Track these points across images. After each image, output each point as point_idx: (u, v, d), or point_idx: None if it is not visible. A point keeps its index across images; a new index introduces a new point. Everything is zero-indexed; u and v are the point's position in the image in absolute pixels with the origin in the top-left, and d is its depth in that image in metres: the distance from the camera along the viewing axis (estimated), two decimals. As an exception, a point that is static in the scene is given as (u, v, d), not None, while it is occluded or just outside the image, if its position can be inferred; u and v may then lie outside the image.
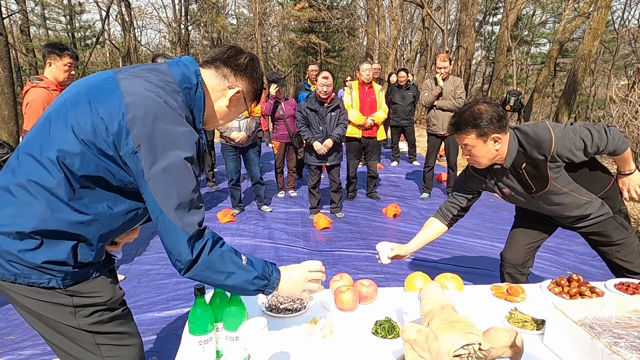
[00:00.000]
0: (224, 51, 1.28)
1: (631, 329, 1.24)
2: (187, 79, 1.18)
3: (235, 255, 1.16)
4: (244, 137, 4.39)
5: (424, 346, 1.04)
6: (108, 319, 1.22)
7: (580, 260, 3.74)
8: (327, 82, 4.27)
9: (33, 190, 1.06)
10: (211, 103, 1.26)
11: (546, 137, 1.74)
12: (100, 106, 1.05)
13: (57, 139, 1.06)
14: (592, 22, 8.80)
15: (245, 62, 1.26)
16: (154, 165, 1.04)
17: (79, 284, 1.16)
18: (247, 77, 1.27)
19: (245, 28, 24.57)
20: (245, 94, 1.28)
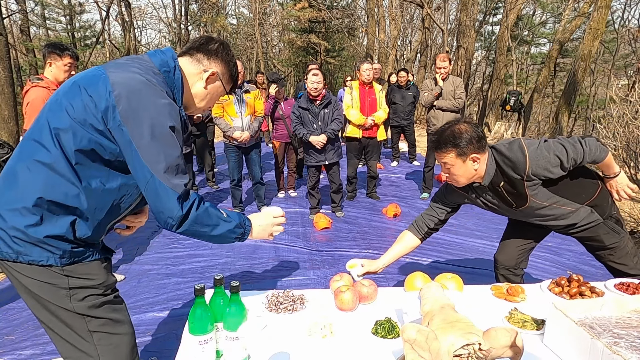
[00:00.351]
0: (196, 40, 1.41)
1: (631, 329, 1.24)
2: (165, 63, 1.31)
3: (217, 210, 1.32)
4: (247, 136, 4.39)
5: (424, 346, 1.04)
6: (100, 303, 1.28)
7: (580, 260, 3.74)
8: (316, 80, 4.27)
9: (34, 168, 1.17)
10: (189, 88, 1.38)
11: (520, 158, 1.76)
12: (89, 87, 1.17)
13: (53, 121, 1.18)
14: (592, 22, 8.80)
15: (216, 47, 1.39)
16: (142, 135, 1.16)
17: (75, 265, 1.23)
18: (219, 59, 1.39)
19: (245, 28, 24.57)
20: (220, 76, 1.40)
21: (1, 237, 1.18)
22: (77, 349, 1.27)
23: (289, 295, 1.63)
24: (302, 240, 4.04)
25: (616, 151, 4.66)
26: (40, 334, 2.50)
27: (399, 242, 2.14)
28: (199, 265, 3.49)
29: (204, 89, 1.39)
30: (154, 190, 1.18)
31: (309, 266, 3.48)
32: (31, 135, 1.21)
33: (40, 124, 1.21)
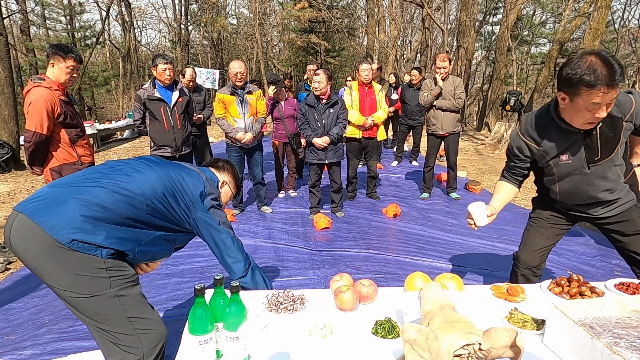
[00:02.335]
0: (211, 161, 2.08)
1: (631, 329, 1.24)
2: (214, 179, 1.90)
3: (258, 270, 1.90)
4: (250, 138, 4.39)
5: (424, 346, 1.04)
6: (135, 290, 1.54)
7: (580, 260, 3.74)
8: (317, 79, 4.29)
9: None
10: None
11: (626, 98, 1.78)
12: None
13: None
14: (592, 22, 8.80)
15: (224, 163, 2.05)
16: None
17: (114, 260, 1.48)
18: (227, 172, 2.02)
19: (245, 28, 24.57)
20: (229, 184, 2.01)
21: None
22: (118, 334, 1.47)
23: (289, 295, 1.63)
24: (302, 240, 4.04)
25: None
26: (40, 334, 2.50)
27: (499, 190, 2.16)
28: (199, 265, 3.49)
29: (224, 195, 2.00)
30: (230, 260, 1.80)
31: (309, 266, 3.48)
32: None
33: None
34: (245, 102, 4.39)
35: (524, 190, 6.46)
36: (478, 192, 5.92)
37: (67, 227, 1.39)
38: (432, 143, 5.26)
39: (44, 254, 1.39)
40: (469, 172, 7.42)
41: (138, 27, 23.92)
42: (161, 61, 4.03)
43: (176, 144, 4.23)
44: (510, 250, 3.89)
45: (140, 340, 1.50)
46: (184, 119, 4.28)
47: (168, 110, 4.14)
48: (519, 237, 4.23)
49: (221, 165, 1.99)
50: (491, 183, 6.82)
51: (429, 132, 5.26)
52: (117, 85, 20.01)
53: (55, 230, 1.38)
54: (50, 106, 2.84)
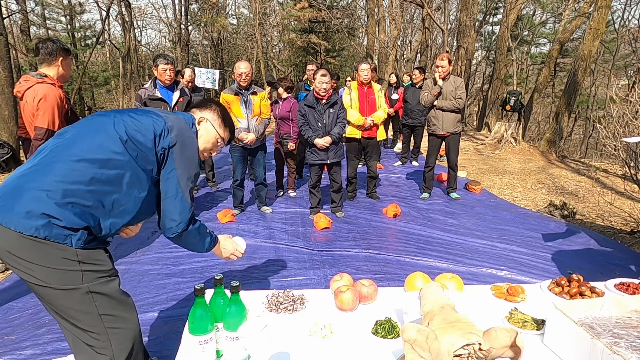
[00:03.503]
0: (196, 102, 1.98)
1: (631, 329, 1.24)
2: (190, 120, 1.72)
3: (205, 228, 1.72)
4: (253, 139, 4.39)
5: (424, 346, 1.04)
6: (110, 285, 1.46)
7: (580, 260, 3.74)
8: (325, 80, 4.29)
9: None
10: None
11: None
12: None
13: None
14: (592, 22, 8.80)
15: (205, 101, 1.85)
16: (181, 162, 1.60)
17: (86, 250, 1.41)
18: (208, 109, 1.80)
19: (245, 28, 24.57)
20: (212, 122, 1.78)
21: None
22: (87, 332, 1.41)
23: (289, 295, 1.63)
24: (302, 240, 4.04)
25: (616, 151, 4.66)
26: (40, 334, 2.50)
27: None
28: (199, 265, 3.49)
29: (197, 132, 1.72)
30: (179, 203, 1.55)
31: (309, 266, 3.48)
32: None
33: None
34: (249, 102, 4.39)
35: (524, 190, 6.46)
36: (478, 192, 5.92)
37: (29, 216, 1.31)
38: (432, 143, 5.26)
39: (14, 249, 1.33)
40: (469, 172, 7.42)
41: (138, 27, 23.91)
42: (162, 61, 4.03)
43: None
44: (510, 250, 3.89)
45: (110, 340, 1.44)
46: None
47: (169, 110, 4.14)
48: (519, 237, 4.27)
49: (205, 104, 1.80)
50: (491, 183, 6.82)
51: (429, 132, 5.26)
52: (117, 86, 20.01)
53: (17, 223, 1.31)
54: (59, 102, 2.83)
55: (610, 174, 7.40)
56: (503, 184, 6.81)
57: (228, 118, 1.83)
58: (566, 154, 10.43)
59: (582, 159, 10.10)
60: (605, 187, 6.51)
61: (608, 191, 6.14)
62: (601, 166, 7.90)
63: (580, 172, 7.71)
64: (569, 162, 8.81)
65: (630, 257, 3.81)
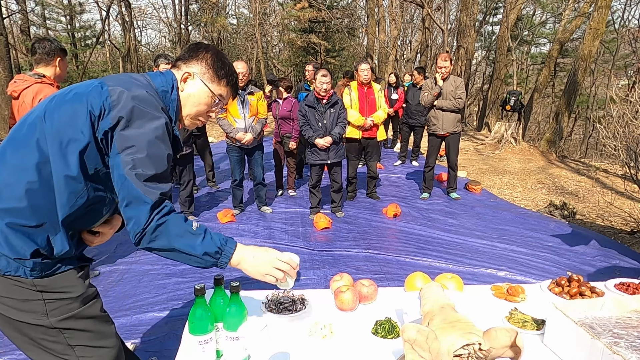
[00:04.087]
0: (183, 50, 1.40)
1: (631, 329, 1.24)
2: (164, 83, 1.30)
3: (188, 223, 1.19)
4: (250, 139, 4.39)
5: (424, 346, 1.04)
6: (81, 316, 1.22)
7: (580, 260, 3.74)
8: (326, 80, 4.30)
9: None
10: (181, 103, 1.35)
11: None
12: (86, 96, 1.18)
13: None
14: (592, 22, 8.80)
15: (193, 47, 1.37)
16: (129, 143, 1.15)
17: (47, 278, 1.17)
18: (196, 59, 1.34)
19: (245, 28, 24.56)
20: (201, 76, 1.33)
21: None
22: (58, 357, 1.19)
23: (289, 295, 1.63)
24: (302, 240, 4.04)
25: (616, 151, 4.66)
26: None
27: None
28: (199, 265, 3.49)
29: (181, 92, 1.33)
30: (127, 194, 1.12)
31: (309, 266, 3.48)
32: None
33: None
34: (246, 102, 4.39)
35: (524, 190, 6.46)
36: (478, 192, 5.92)
37: None
38: (432, 143, 5.26)
39: None
40: (469, 172, 7.42)
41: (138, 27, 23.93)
42: (163, 61, 4.03)
43: (177, 144, 4.23)
44: (510, 250, 3.89)
45: None
46: None
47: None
48: (519, 237, 4.26)
49: (192, 52, 1.35)
50: (491, 183, 6.82)
51: (429, 132, 5.26)
52: (117, 85, 19.95)
53: None
54: None
55: (610, 174, 7.40)
56: (503, 184, 6.81)
57: (224, 65, 1.36)
58: (566, 154, 10.43)
59: (582, 159, 10.10)
60: (605, 187, 6.50)
61: (608, 191, 6.14)
62: (601, 166, 7.90)
63: (580, 172, 7.71)
64: (569, 162, 8.81)
65: (630, 257, 3.81)
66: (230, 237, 1.29)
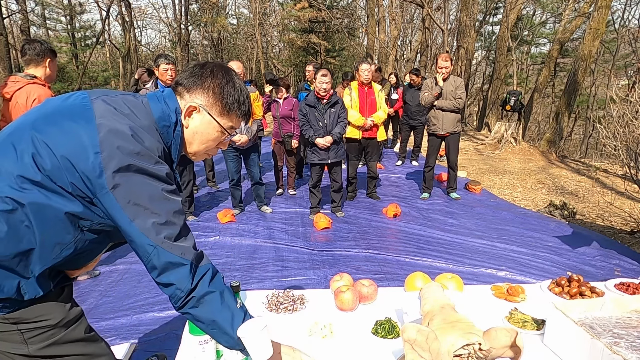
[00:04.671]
0: (184, 70, 1.17)
1: (631, 329, 1.24)
2: (166, 117, 1.11)
3: (232, 297, 1.11)
4: (245, 140, 4.39)
5: (424, 346, 1.04)
6: (64, 340, 1.12)
7: (580, 260, 3.74)
8: (325, 80, 4.30)
9: None
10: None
11: None
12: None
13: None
14: (592, 22, 8.80)
15: (197, 71, 1.14)
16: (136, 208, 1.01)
17: (20, 311, 1.05)
18: (202, 89, 1.13)
19: (245, 28, 24.55)
20: (209, 109, 1.14)
21: None
22: None
23: (289, 295, 1.63)
24: (302, 240, 4.04)
25: (616, 151, 4.66)
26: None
27: None
28: (199, 265, 3.49)
29: (186, 128, 1.15)
30: (160, 262, 1.01)
31: (309, 266, 3.48)
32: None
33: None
34: None
35: (524, 190, 6.46)
36: (478, 192, 5.92)
37: None
38: (432, 143, 5.26)
39: None
40: (469, 172, 7.42)
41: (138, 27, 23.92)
42: (163, 61, 4.03)
43: (177, 144, 4.23)
44: (510, 250, 3.89)
45: None
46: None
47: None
48: (519, 237, 4.26)
49: (195, 79, 1.14)
50: (491, 183, 6.82)
51: (429, 132, 5.26)
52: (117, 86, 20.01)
53: None
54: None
55: (610, 174, 7.39)
56: (503, 184, 6.81)
57: (234, 92, 1.16)
58: (566, 154, 10.43)
59: (582, 159, 10.10)
60: (605, 187, 6.50)
61: (608, 191, 6.13)
62: (601, 166, 7.90)
63: (580, 172, 7.71)
64: (569, 162, 8.81)
65: (630, 257, 3.81)
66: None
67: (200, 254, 1.08)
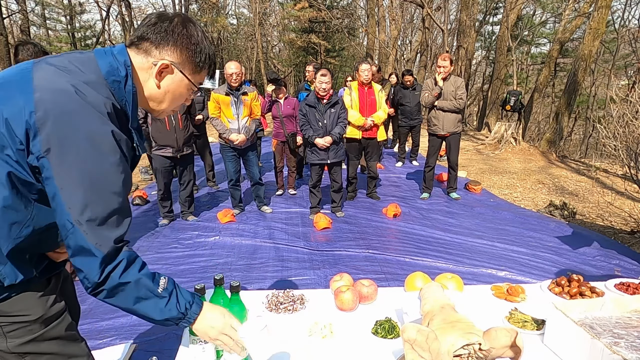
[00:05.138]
0: (143, 23, 1.08)
1: (631, 329, 1.24)
2: (115, 71, 1.02)
3: (151, 279, 1.02)
4: (243, 139, 4.39)
5: (424, 346, 1.04)
6: (43, 338, 1.09)
7: (580, 260, 3.74)
8: (325, 80, 4.30)
9: None
10: (142, 91, 1.09)
11: None
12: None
13: None
14: (592, 22, 8.80)
15: (166, 28, 1.05)
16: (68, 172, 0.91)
17: (1, 303, 1.03)
18: (172, 45, 1.05)
19: (245, 28, 24.55)
20: (179, 66, 1.07)
21: None
22: None
23: (289, 295, 1.63)
24: (302, 240, 4.04)
25: (616, 151, 4.66)
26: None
27: None
28: (199, 265, 3.49)
29: (157, 87, 1.08)
30: (73, 243, 0.93)
31: (309, 266, 3.48)
32: None
33: None
34: (240, 103, 4.38)
35: (524, 190, 6.46)
36: (478, 192, 5.92)
37: None
38: (433, 143, 5.26)
39: None
40: (469, 172, 7.42)
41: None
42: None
43: (178, 144, 4.24)
44: (510, 250, 3.89)
45: None
46: (185, 119, 4.29)
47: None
48: (519, 237, 4.26)
49: (160, 29, 1.05)
50: (491, 183, 6.82)
51: (429, 132, 5.26)
52: (117, 85, 19.97)
53: None
54: None
55: (610, 174, 7.39)
56: (503, 184, 6.81)
57: (203, 48, 1.09)
58: (566, 154, 10.43)
59: (582, 159, 10.10)
60: (605, 187, 6.50)
61: (608, 191, 6.13)
62: (601, 166, 7.90)
63: (580, 172, 7.71)
64: (569, 162, 8.81)
65: (630, 257, 3.81)
66: (199, 297, 1.12)
67: (119, 248, 0.97)
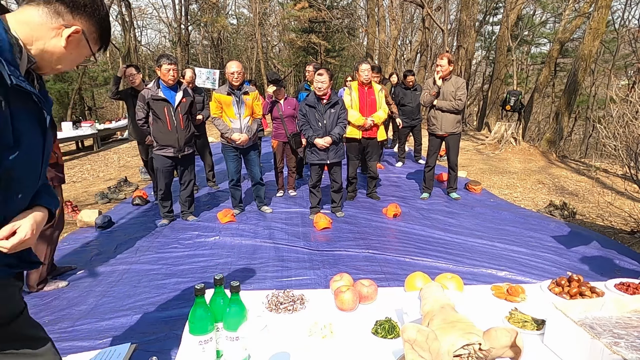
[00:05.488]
0: None
1: (631, 329, 1.24)
2: None
3: None
4: (245, 139, 4.39)
5: (424, 346, 1.04)
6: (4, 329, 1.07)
7: (580, 260, 3.74)
8: (321, 79, 4.30)
9: None
10: (32, 42, 1.08)
11: None
12: None
13: None
14: (592, 22, 8.80)
15: (85, 0, 1.12)
16: None
17: None
18: (87, 16, 1.12)
19: (245, 28, 24.56)
20: (87, 35, 1.14)
21: None
22: None
23: (289, 295, 1.63)
24: (302, 240, 4.04)
25: (616, 151, 4.66)
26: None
27: None
28: (199, 265, 3.49)
29: (63, 48, 1.11)
30: None
31: (309, 266, 3.48)
32: None
33: None
34: (241, 102, 4.38)
35: (524, 190, 6.46)
36: (478, 192, 5.92)
37: None
38: (432, 143, 5.26)
39: None
40: (469, 172, 7.42)
41: (138, 27, 23.93)
42: (165, 61, 4.03)
43: (179, 144, 4.24)
44: (510, 250, 3.89)
45: None
46: (187, 119, 4.29)
47: (171, 111, 4.15)
48: (519, 237, 4.26)
49: (81, 2, 1.12)
50: (491, 183, 6.82)
51: (429, 132, 5.26)
52: (117, 85, 20.02)
53: None
54: None
55: (610, 174, 7.40)
56: (503, 184, 6.81)
57: (108, 19, 1.21)
58: (566, 154, 10.43)
59: (582, 159, 10.10)
60: (605, 187, 6.50)
61: (608, 191, 6.13)
62: (601, 166, 7.90)
63: (580, 172, 7.71)
64: (569, 162, 8.81)
65: (630, 257, 3.81)
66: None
67: None
